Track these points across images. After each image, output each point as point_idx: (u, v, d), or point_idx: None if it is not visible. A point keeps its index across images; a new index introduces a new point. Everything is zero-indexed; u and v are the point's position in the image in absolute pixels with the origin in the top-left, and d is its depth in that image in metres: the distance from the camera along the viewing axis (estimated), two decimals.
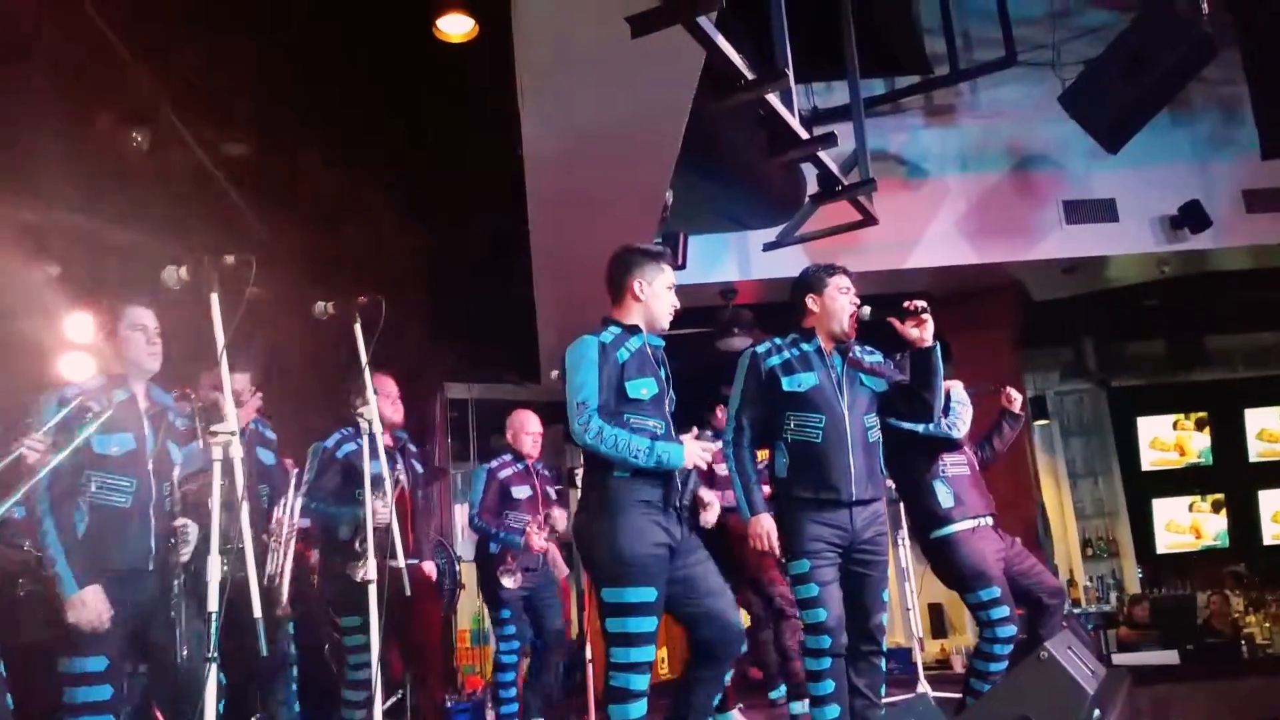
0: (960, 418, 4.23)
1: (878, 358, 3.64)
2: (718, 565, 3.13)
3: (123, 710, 2.94)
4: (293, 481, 3.96)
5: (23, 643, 4.16)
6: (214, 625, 2.25)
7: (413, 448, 4.37)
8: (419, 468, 4.36)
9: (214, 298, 2.43)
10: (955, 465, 4.30)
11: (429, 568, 4.32)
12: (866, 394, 3.52)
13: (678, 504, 2.98)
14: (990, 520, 4.28)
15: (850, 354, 3.55)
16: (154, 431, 3.11)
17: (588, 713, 4.97)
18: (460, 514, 9.20)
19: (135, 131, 3.90)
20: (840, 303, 3.52)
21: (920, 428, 4.09)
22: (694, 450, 2.94)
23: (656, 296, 3.10)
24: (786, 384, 3.45)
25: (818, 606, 3.28)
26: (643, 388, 2.97)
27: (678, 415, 3.17)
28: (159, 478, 3.07)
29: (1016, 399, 4.70)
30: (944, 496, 4.15)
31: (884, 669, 3.50)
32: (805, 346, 3.54)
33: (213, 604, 2.25)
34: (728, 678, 2.96)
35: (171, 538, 2.98)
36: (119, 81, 3.96)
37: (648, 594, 2.81)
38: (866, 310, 3.53)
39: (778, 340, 3.59)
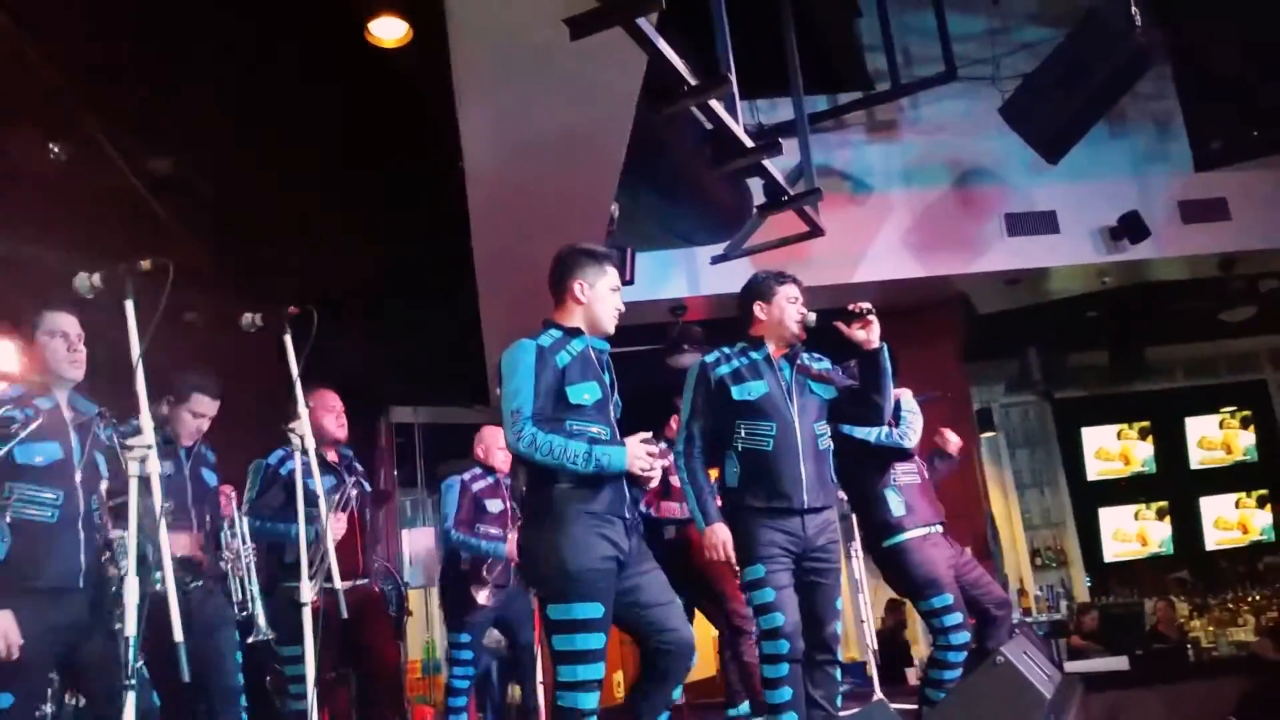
0: (911, 426, 4.23)
1: (826, 364, 3.62)
2: (678, 579, 3.03)
3: None
4: (234, 503, 3.81)
5: None
6: (132, 648, 2.11)
7: (358, 466, 4.24)
8: (366, 486, 4.23)
9: (129, 305, 2.30)
10: (906, 474, 4.31)
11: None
12: (816, 401, 3.50)
13: (625, 514, 2.87)
14: (940, 529, 4.29)
15: (799, 361, 3.53)
16: (80, 442, 2.93)
17: None
18: (408, 540, 9.03)
19: (52, 144, 3.73)
20: (789, 311, 3.51)
21: (872, 437, 4.12)
22: (637, 452, 2.81)
23: (600, 299, 2.98)
24: (736, 393, 3.42)
25: (774, 611, 3.25)
26: (585, 393, 2.86)
27: (628, 430, 3.08)
28: (87, 490, 2.90)
29: (953, 442, 4.70)
30: (895, 505, 4.15)
31: (839, 679, 3.44)
32: (754, 355, 3.51)
33: (130, 627, 2.11)
34: (678, 694, 2.84)
35: (107, 550, 2.81)
36: (35, 92, 3.80)
37: (595, 609, 2.70)
38: (812, 317, 3.51)
39: (726, 349, 3.56)
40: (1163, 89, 7.14)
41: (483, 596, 4.65)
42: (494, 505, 4.87)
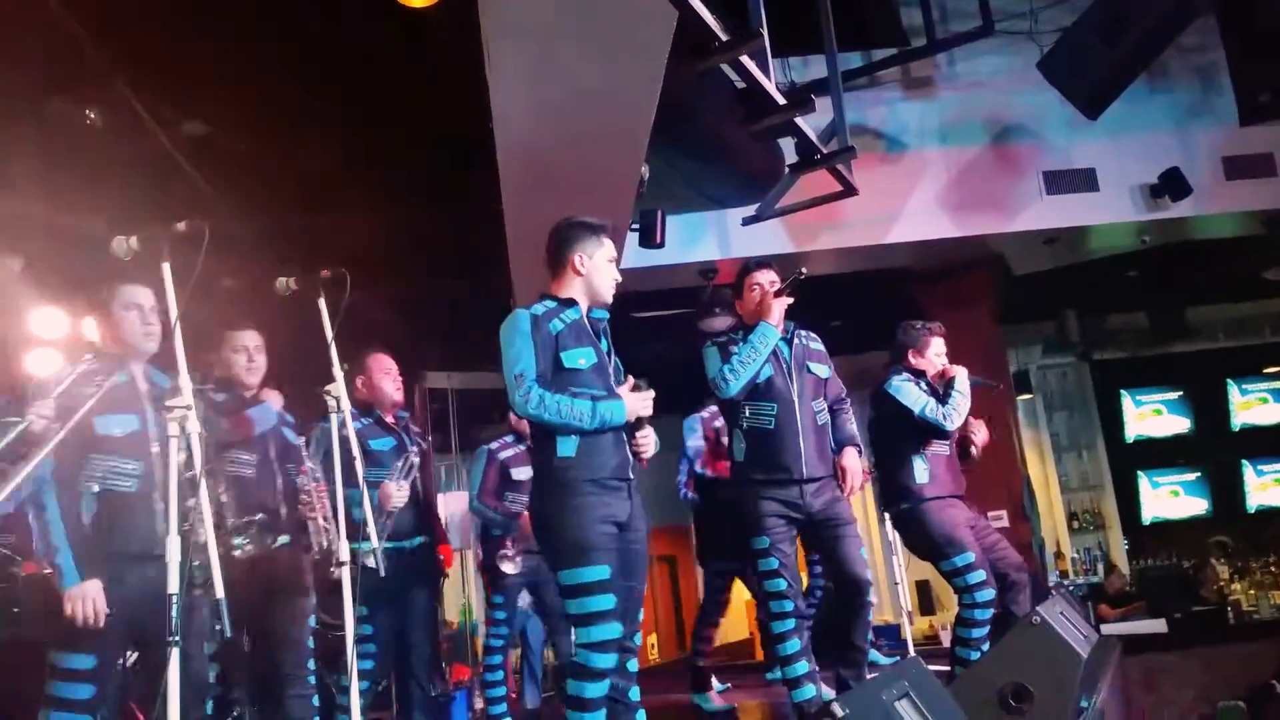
0: (956, 408, 4.17)
1: (820, 345, 3.91)
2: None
3: (100, 710, 2.79)
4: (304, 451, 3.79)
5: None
6: (175, 607, 2.15)
7: (414, 427, 4.28)
8: (423, 446, 4.27)
9: (166, 267, 2.32)
10: (939, 446, 4.29)
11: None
12: (814, 380, 3.80)
13: (629, 476, 2.94)
14: (961, 499, 4.29)
15: (796, 342, 3.80)
16: (157, 414, 2.95)
17: None
18: (443, 504, 9.11)
19: (89, 110, 3.76)
20: (755, 297, 3.78)
21: (916, 408, 4.16)
22: (633, 401, 2.90)
23: (598, 270, 3.05)
24: None
25: (778, 577, 3.61)
26: (580, 358, 2.92)
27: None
28: (164, 460, 2.89)
29: (980, 437, 4.56)
30: (920, 472, 4.18)
31: (869, 618, 3.79)
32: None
33: (172, 585, 2.16)
34: (633, 664, 2.93)
35: (186, 522, 2.86)
36: (74, 60, 3.82)
37: (601, 572, 2.78)
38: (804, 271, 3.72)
39: (733, 335, 3.83)
40: (1207, 41, 6.93)
41: (507, 566, 4.70)
42: (522, 473, 4.88)
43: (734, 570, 5.18)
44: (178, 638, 2.18)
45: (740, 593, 5.64)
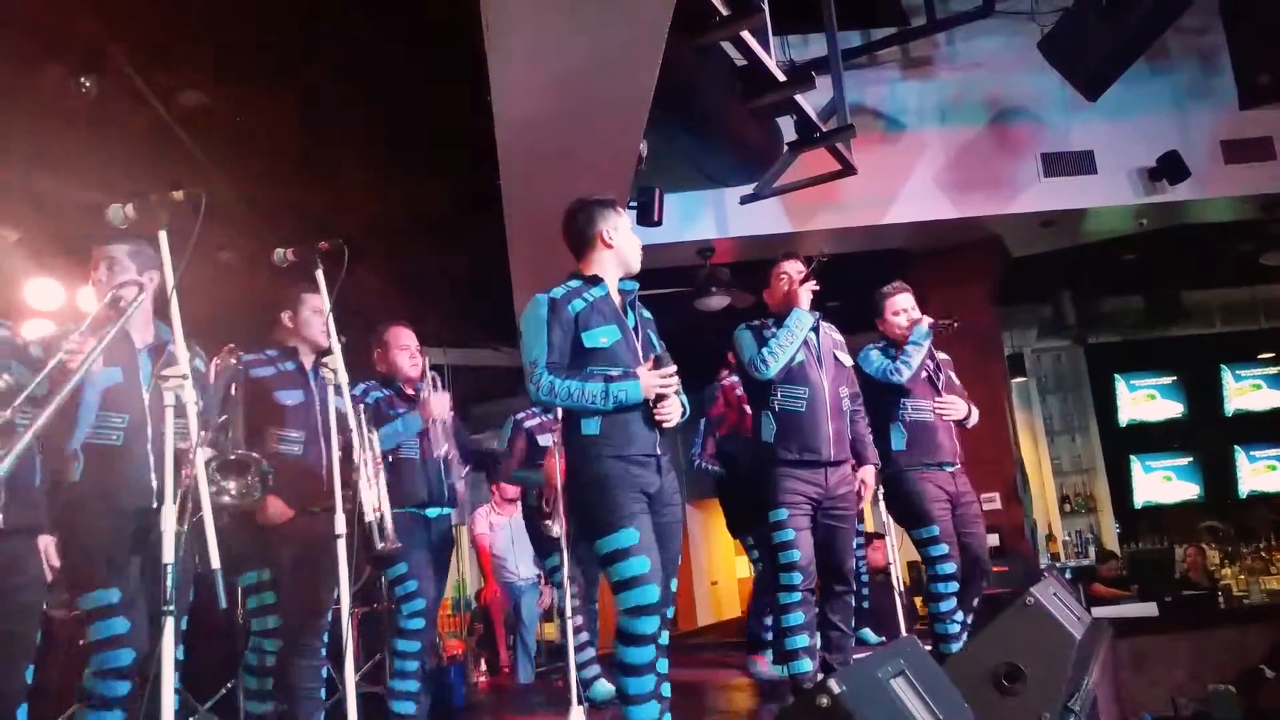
0: (908, 359, 4.26)
1: (840, 335, 4.14)
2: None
3: (139, 644, 2.78)
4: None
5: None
6: (170, 576, 2.14)
7: None
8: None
9: (162, 235, 2.30)
10: (916, 411, 4.35)
11: None
12: (841, 367, 4.03)
13: (656, 451, 2.93)
14: (952, 467, 4.35)
15: (822, 330, 4.01)
16: (151, 364, 2.93)
17: None
18: None
19: (84, 79, 3.71)
20: (783, 286, 3.98)
21: (876, 375, 4.32)
22: (650, 379, 2.88)
23: (626, 240, 3.09)
24: None
25: (792, 548, 3.78)
26: (601, 336, 2.92)
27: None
28: (155, 413, 2.87)
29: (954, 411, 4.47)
30: (897, 439, 4.32)
31: (853, 605, 4.05)
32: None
33: (168, 555, 2.15)
34: (664, 637, 2.89)
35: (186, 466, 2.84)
36: (68, 28, 3.77)
37: (630, 536, 2.78)
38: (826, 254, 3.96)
39: (767, 320, 4.00)
40: (1208, 22, 6.91)
41: (556, 528, 4.65)
42: (546, 439, 4.90)
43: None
44: (172, 607, 2.17)
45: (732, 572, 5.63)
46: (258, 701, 3.59)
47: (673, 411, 2.93)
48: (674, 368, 2.91)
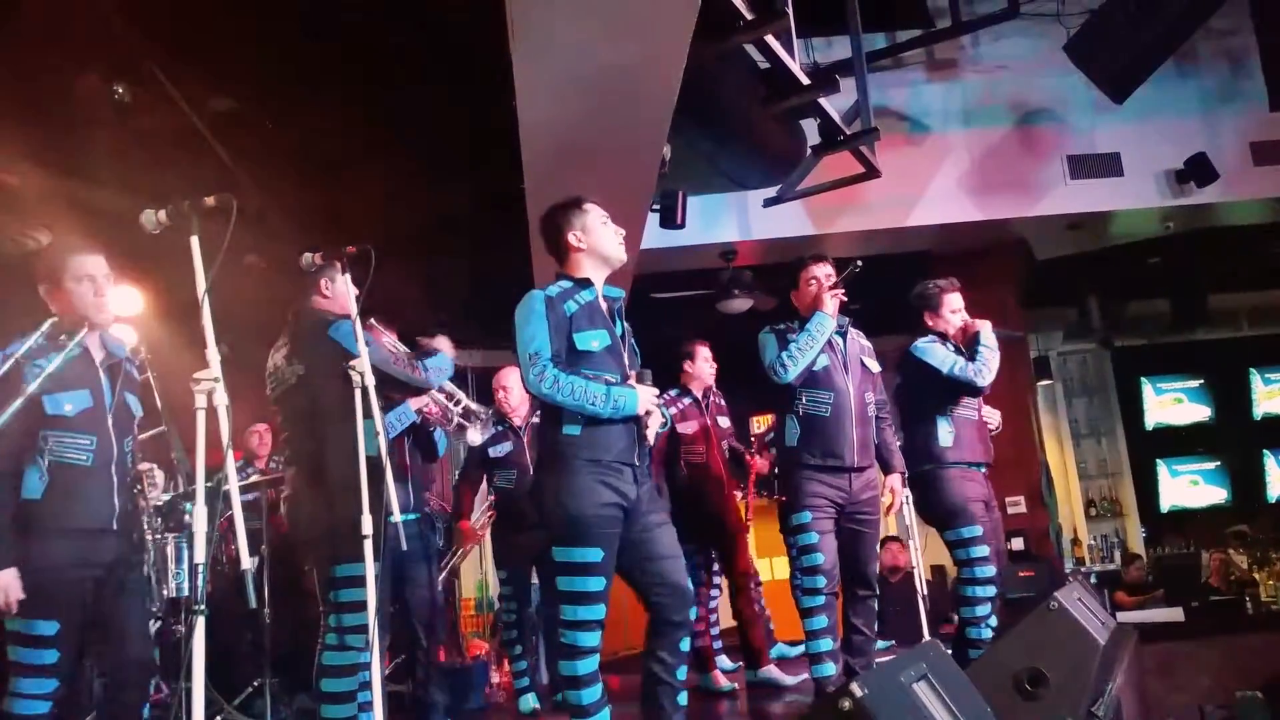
0: (987, 363, 4.14)
1: (868, 341, 4.10)
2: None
3: (65, 675, 2.79)
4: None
5: None
6: (201, 576, 2.18)
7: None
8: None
9: (194, 241, 2.34)
10: (965, 408, 4.24)
11: None
12: (867, 372, 3.99)
13: (635, 461, 2.90)
14: (984, 470, 4.27)
15: (850, 335, 3.98)
16: (111, 385, 2.97)
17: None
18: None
19: (118, 86, 3.78)
20: (812, 290, 3.92)
21: (945, 367, 4.17)
22: (648, 396, 2.91)
23: (596, 235, 3.05)
24: None
25: (815, 552, 3.77)
26: (593, 340, 2.91)
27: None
28: (120, 432, 2.96)
29: (993, 420, 4.50)
30: (944, 435, 4.17)
31: (876, 609, 4.01)
32: None
33: (200, 555, 2.18)
34: (685, 644, 2.90)
35: (137, 486, 2.89)
36: (103, 36, 3.84)
37: (594, 554, 2.78)
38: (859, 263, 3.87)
39: (792, 323, 3.95)
40: (1237, 23, 6.84)
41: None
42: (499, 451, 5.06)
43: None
44: (203, 606, 2.21)
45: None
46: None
47: (655, 424, 2.97)
48: (655, 390, 2.96)
